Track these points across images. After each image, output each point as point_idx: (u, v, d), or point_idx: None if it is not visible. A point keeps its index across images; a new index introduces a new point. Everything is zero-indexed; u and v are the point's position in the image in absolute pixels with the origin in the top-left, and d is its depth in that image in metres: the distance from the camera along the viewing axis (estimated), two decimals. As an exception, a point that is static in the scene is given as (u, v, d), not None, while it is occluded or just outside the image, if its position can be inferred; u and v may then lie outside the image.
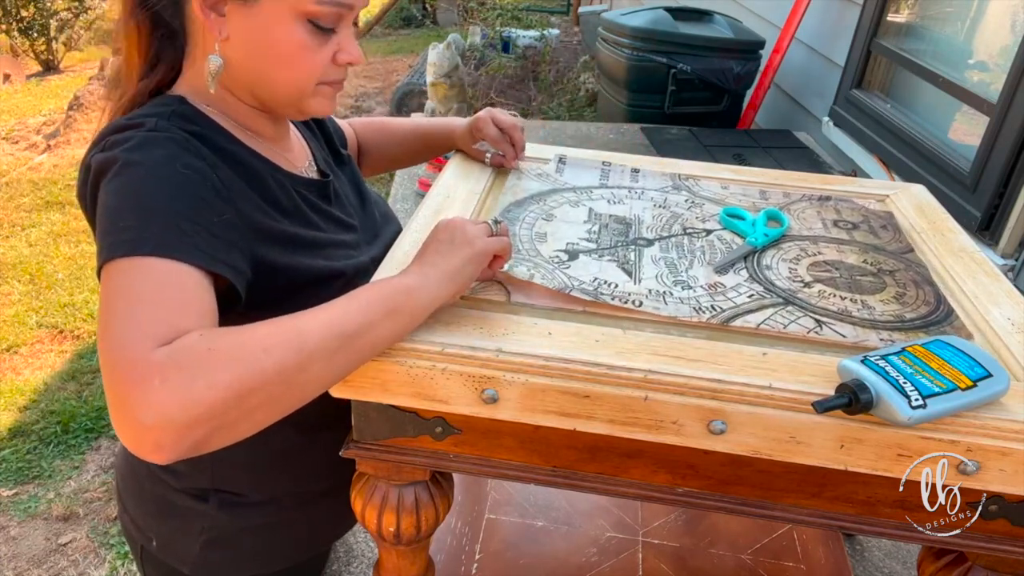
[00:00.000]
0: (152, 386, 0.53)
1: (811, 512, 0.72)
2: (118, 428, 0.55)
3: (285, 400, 0.59)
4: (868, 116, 2.37)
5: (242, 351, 0.56)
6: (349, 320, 0.61)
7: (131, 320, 0.57)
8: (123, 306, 0.58)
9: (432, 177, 2.25)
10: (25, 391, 2.40)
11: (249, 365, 0.55)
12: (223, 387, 0.54)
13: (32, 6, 5.89)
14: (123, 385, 0.54)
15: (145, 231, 0.60)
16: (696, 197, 1.01)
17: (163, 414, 0.52)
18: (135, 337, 0.56)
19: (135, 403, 0.53)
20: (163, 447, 0.54)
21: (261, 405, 0.57)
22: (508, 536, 1.21)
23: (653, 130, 2.83)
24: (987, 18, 2.06)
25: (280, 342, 0.57)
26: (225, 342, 0.56)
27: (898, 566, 1.32)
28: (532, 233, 0.87)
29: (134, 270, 0.59)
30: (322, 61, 0.72)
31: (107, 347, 0.56)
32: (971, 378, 0.62)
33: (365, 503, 0.78)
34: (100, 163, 0.65)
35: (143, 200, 0.62)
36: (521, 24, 5.69)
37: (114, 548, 1.87)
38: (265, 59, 0.70)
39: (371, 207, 0.91)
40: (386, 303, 0.64)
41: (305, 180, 0.80)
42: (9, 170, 4.02)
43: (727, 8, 3.31)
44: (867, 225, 0.96)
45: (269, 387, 0.56)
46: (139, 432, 0.53)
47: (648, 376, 0.64)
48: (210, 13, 0.68)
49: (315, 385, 0.61)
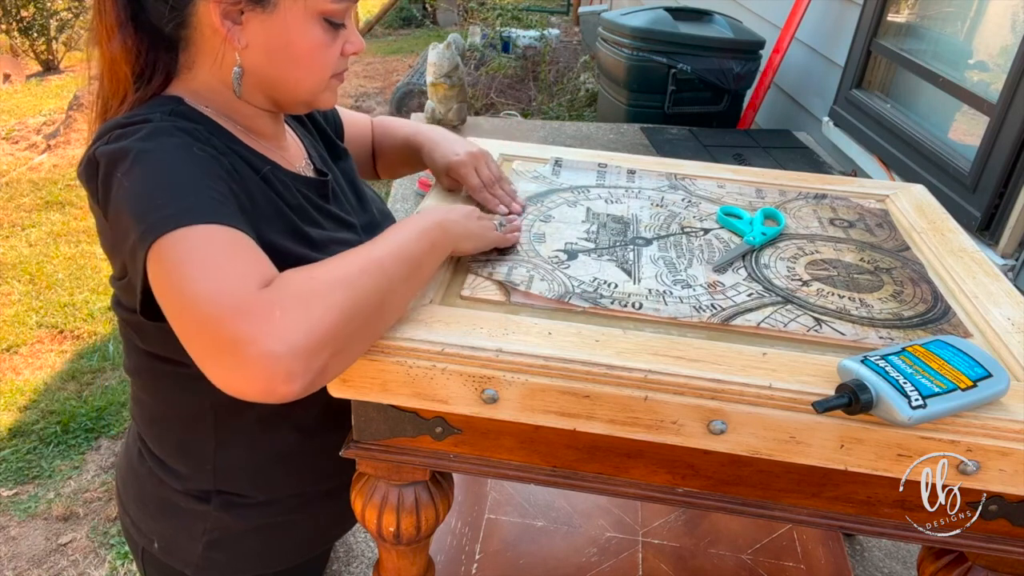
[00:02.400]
0: (274, 317, 0.55)
1: (811, 512, 0.72)
2: (240, 376, 0.55)
3: (379, 322, 0.63)
4: (868, 116, 2.37)
5: (343, 275, 0.60)
6: (409, 250, 0.67)
7: (219, 276, 0.58)
8: (202, 268, 0.58)
9: (432, 178, 2.24)
10: (25, 391, 2.40)
11: (353, 287, 0.60)
12: (337, 308, 0.58)
13: (32, 6, 5.89)
14: (241, 328, 0.55)
15: (184, 204, 0.61)
16: (693, 196, 1.01)
17: (292, 341, 0.54)
18: (235, 287, 0.57)
19: (260, 339, 0.54)
20: (295, 375, 0.55)
21: (364, 326, 0.61)
22: (508, 536, 1.21)
23: (653, 130, 2.83)
24: (987, 18, 2.06)
25: (369, 269, 0.62)
26: (323, 271, 0.61)
27: (898, 566, 1.32)
28: (531, 234, 0.87)
29: (193, 237, 0.59)
30: (335, 56, 0.74)
31: (202, 305, 0.56)
32: (971, 378, 0.62)
33: (365, 503, 0.78)
34: (110, 154, 0.64)
35: (172, 178, 0.63)
36: (521, 24, 5.69)
37: (114, 548, 1.87)
38: (286, 61, 0.71)
39: (368, 204, 0.91)
40: (428, 237, 0.70)
41: (304, 179, 0.80)
42: (9, 170, 4.02)
43: (727, 8, 3.31)
44: (863, 223, 0.96)
45: (369, 308, 0.61)
46: (270, 366, 0.54)
47: (648, 376, 0.64)
48: (228, 24, 0.68)
49: (399, 307, 0.66)
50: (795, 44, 2.88)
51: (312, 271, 0.61)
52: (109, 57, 0.71)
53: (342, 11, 0.71)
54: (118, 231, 0.64)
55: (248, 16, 0.68)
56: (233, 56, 0.71)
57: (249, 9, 0.68)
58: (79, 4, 6.25)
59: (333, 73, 0.75)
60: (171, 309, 0.60)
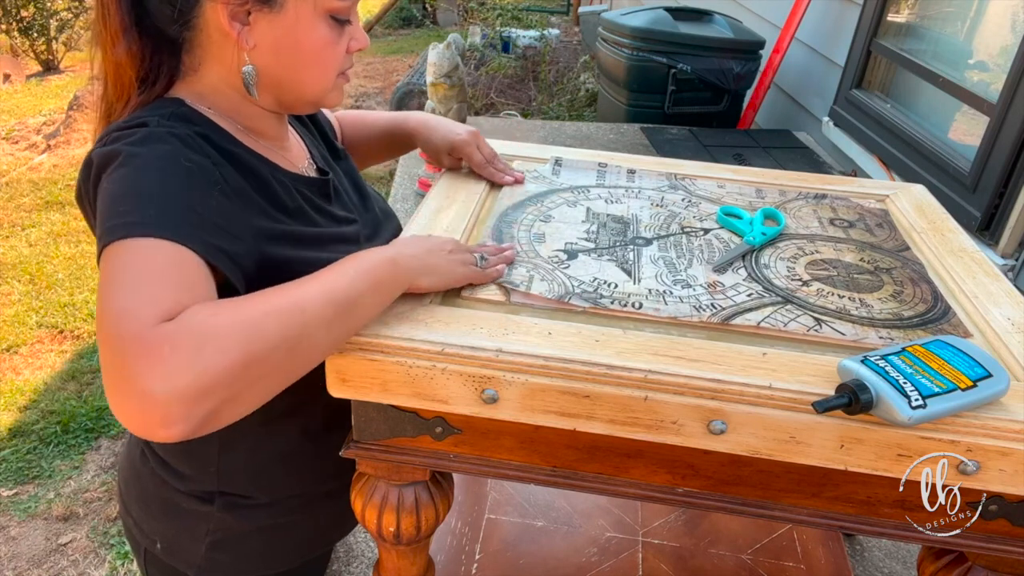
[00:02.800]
0: (162, 355, 0.52)
1: (811, 512, 0.72)
2: (122, 406, 0.52)
3: (288, 368, 0.59)
4: (868, 116, 2.37)
5: (247, 318, 0.56)
6: (340, 290, 0.62)
7: (134, 296, 0.56)
8: (124, 284, 0.57)
9: (432, 177, 2.25)
10: (25, 391, 2.40)
11: (255, 331, 0.55)
12: (233, 353, 0.54)
13: (32, 6, 5.89)
14: (129, 357, 0.52)
15: (145, 214, 0.60)
16: (693, 196, 1.01)
17: (174, 384, 0.51)
18: (140, 312, 0.54)
19: (143, 375, 0.51)
20: (173, 421, 0.52)
21: (267, 373, 0.57)
22: (508, 536, 1.21)
23: (653, 130, 2.83)
24: (987, 18, 2.06)
25: (282, 310, 0.58)
26: (229, 311, 0.56)
27: (898, 566, 1.32)
28: (531, 234, 0.87)
29: (135, 250, 0.59)
30: (341, 53, 0.74)
31: (109, 322, 0.54)
32: (971, 378, 0.62)
33: (365, 503, 0.78)
34: (102, 156, 0.65)
35: (144, 187, 0.62)
36: (521, 24, 5.69)
37: (114, 548, 1.87)
38: (294, 61, 0.72)
39: (371, 203, 0.91)
40: (372, 275, 0.65)
41: (306, 179, 0.80)
42: (9, 170, 4.02)
43: (727, 8, 3.31)
44: (863, 223, 0.96)
45: (275, 354, 0.56)
46: (147, 406, 0.51)
47: (648, 376, 0.64)
48: (236, 25, 0.68)
49: (316, 353, 0.61)
50: (795, 44, 2.88)
51: (219, 308, 0.57)
52: (113, 62, 0.70)
53: (347, 8, 0.72)
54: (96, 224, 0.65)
55: (256, 16, 0.68)
56: (240, 57, 0.70)
57: (256, 9, 0.68)
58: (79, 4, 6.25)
59: (340, 71, 0.75)
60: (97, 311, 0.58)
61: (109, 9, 0.69)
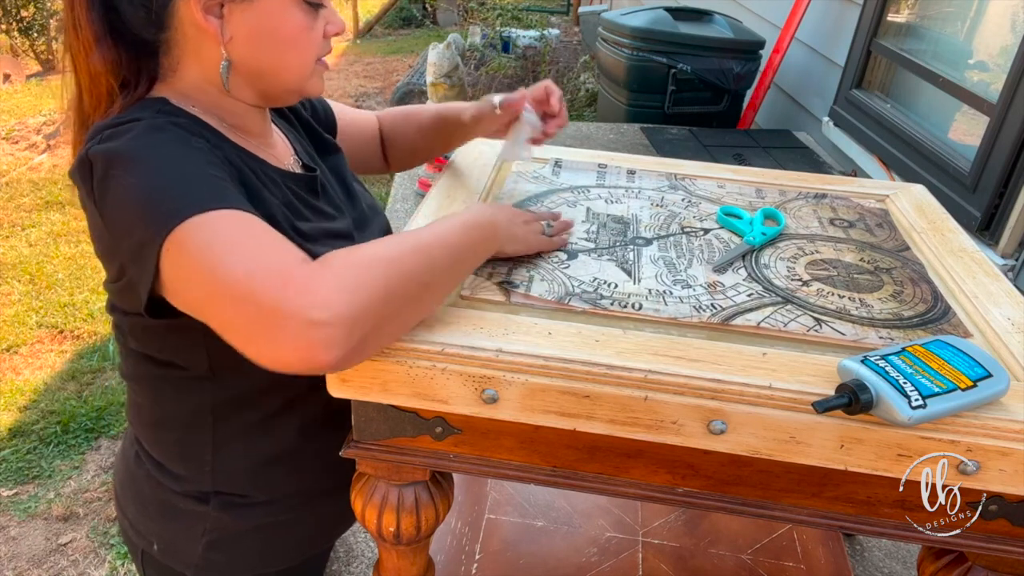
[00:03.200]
0: (316, 285, 0.57)
1: (811, 512, 0.72)
2: (282, 346, 0.56)
3: (420, 304, 0.65)
4: (868, 116, 2.37)
5: (385, 254, 0.62)
6: (456, 240, 0.69)
7: (257, 250, 0.60)
8: (235, 247, 0.59)
9: (432, 177, 2.25)
10: (25, 391, 2.40)
11: (395, 266, 0.62)
12: (380, 282, 0.59)
13: (32, 6, 5.89)
14: (283, 296, 0.56)
15: (198, 192, 0.62)
16: (693, 196, 1.01)
17: (334, 309, 0.56)
18: (274, 259, 0.59)
19: (304, 307, 0.55)
20: (335, 343, 0.56)
21: (404, 306, 0.62)
22: (508, 536, 1.21)
23: (653, 130, 2.83)
24: (987, 18, 2.06)
25: (415, 250, 0.64)
26: (367, 250, 0.62)
27: (898, 566, 1.32)
28: (532, 233, 0.87)
29: (215, 221, 0.60)
30: (318, 38, 0.74)
31: (246, 276, 0.57)
32: (971, 378, 0.62)
33: (365, 503, 0.78)
34: (105, 153, 0.64)
35: (177, 170, 0.63)
36: (521, 24, 5.69)
37: (114, 548, 1.87)
38: (271, 48, 0.71)
39: (358, 199, 0.91)
40: (479, 231, 0.72)
41: (292, 175, 0.80)
42: (9, 170, 4.02)
43: (727, 8, 3.31)
44: (863, 223, 0.96)
45: (411, 288, 0.62)
46: (312, 333, 0.55)
47: (648, 376, 0.64)
48: (211, 19, 0.68)
49: (440, 294, 0.68)
50: (795, 44, 2.88)
51: (355, 249, 0.62)
52: (88, 73, 0.69)
53: None
54: (117, 231, 0.64)
55: (229, 8, 0.68)
56: (217, 51, 0.70)
57: (229, 1, 0.68)
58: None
59: (318, 57, 0.75)
60: (201, 293, 0.60)
61: (80, 20, 0.68)
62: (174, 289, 0.63)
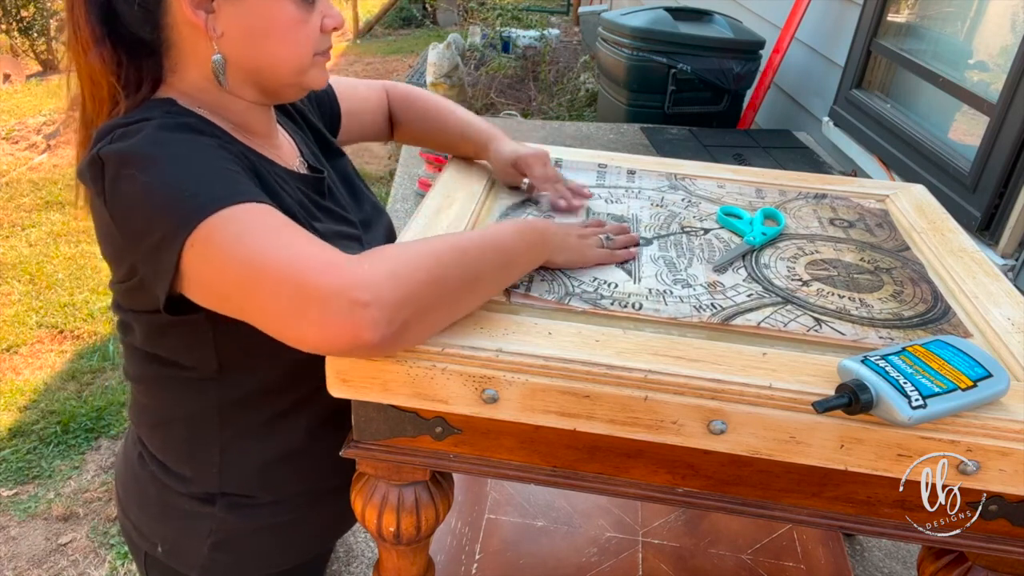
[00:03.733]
0: (362, 269, 0.59)
1: (811, 512, 0.72)
2: (325, 328, 0.57)
3: (463, 298, 0.66)
4: (868, 116, 2.37)
5: (431, 250, 0.64)
6: (505, 244, 0.71)
7: (294, 240, 0.61)
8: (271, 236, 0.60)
9: (432, 177, 2.25)
10: (25, 391, 2.40)
11: (441, 260, 0.63)
12: (424, 272, 0.61)
13: (32, 6, 5.89)
14: (327, 278, 0.57)
15: (220, 187, 0.62)
16: (693, 196, 1.01)
17: (378, 291, 0.57)
18: (314, 247, 0.60)
19: (344, 285, 0.57)
20: (379, 323, 0.57)
21: (447, 297, 0.64)
22: (508, 536, 1.21)
23: (653, 130, 2.83)
24: (987, 18, 2.06)
25: (461, 247, 0.66)
26: (413, 245, 0.64)
27: (898, 566, 1.32)
28: (532, 233, 0.87)
29: (244, 213, 0.61)
30: (314, 31, 0.73)
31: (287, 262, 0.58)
32: (971, 378, 0.62)
33: (365, 503, 0.78)
34: (118, 154, 0.63)
35: (195, 167, 0.63)
36: (521, 24, 5.69)
37: (114, 548, 1.87)
38: (265, 42, 0.71)
39: (363, 201, 0.91)
40: (528, 238, 0.73)
41: (300, 176, 0.80)
42: (9, 170, 4.02)
43: (727, 8, 3.31)
44: (863, 223, 0.96)
45: (453, 281, 0.64)
46: (353, 313, 0.57)
47: (648, 376, 0.64)
48: (201, 14, 0.67)
49: (483, 293, 0.69)
50: (795, 44, 2.88)
51: (406, 245, 0.64)
52: (89, 75, 0.69)
53: None
54: (130, 231, 0.64)
55: (219, 3, 0.68)
56: (212, 47, 0.70)
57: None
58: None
59: (316, 51, 0.74)
60: (235, 284, 0.61)
61: (79, 21, 0.67)
62: (199, 285, 0.63)
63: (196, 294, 0.64)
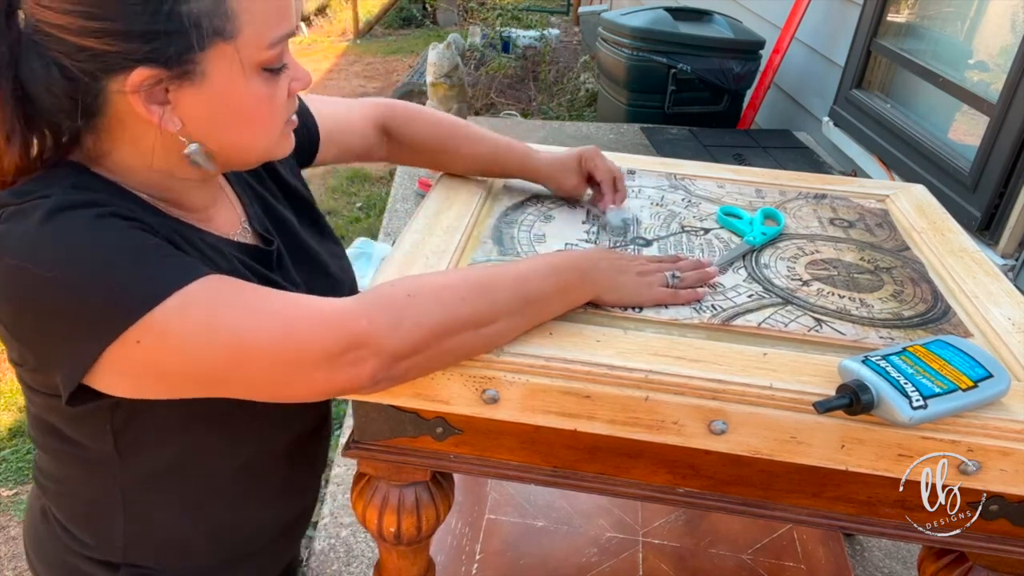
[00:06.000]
0: (359, 326, 0.58)
1: (811, 512, 0.72)
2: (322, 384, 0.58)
3: (473, 346, 0.64)
4: (868, 116, 2.37)
5: (442, 297, 0.62)
6: (531, 285, 0.66)
7: (270, 301, 0.58)
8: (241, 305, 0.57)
9: (432, 177, 2.25)
10: (25, 391, 2.40)
11: (448, 310, 0.61)
12: (428, 326, 0.60)
13: (32, 6, 5.89)
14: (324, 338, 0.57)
15: (158, 267, 0.55)
16: (693, 196, 1.01)
17: (377, 346, 0.58)
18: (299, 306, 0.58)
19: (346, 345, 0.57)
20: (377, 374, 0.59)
21: (454, 348, 0.63)
22: (508, 536, 1.21)
23: (653, 130, 2.83)
24: (987, 18, 2.06)
25: (474, 295, 0.63)
26: (424, 289, 0.62)
27: (898, 566, 1.32)
28: (531, 235, 0.87)
29: (196, 292, 0.55)
30: (282, 103, 0.65)
31: (275, 328, 0.57)
32: (972, 378, 0.62)
33: (366, 503, 0.78)
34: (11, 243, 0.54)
35: (117, 252, 0.55)
36: (521, 24, 5.70)
37: (114, 548, 1.87)
38: (231, 126, 0.63)
39: (321, 268, 0.82)
40: (561, 279, 0.69)
41: (240, 245, 0.72)
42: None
43: (727, 8, 3.31)
44: (863, 223, 0.96)
45: (463, 332, 0.62)
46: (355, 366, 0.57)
47: (649, 376, 0.64)
48: (155, 109, 0.58)
49: (497, 336, 0.65)
50: (795, 44, 2.88)
51: (418, 284, 0.63)
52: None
53: (278, 55, 0.61)
54: (22, 331, 0.57)
55: (175, 94, 0.58)
56: (159, 137, 0.61)
57: (175, 86, 0.58)
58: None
59: (285, 119, 0.67)
60: (216, 367, 0.56)
61: None
62: (148, 378, 0.57)
63: (136, 387, 0.58)
